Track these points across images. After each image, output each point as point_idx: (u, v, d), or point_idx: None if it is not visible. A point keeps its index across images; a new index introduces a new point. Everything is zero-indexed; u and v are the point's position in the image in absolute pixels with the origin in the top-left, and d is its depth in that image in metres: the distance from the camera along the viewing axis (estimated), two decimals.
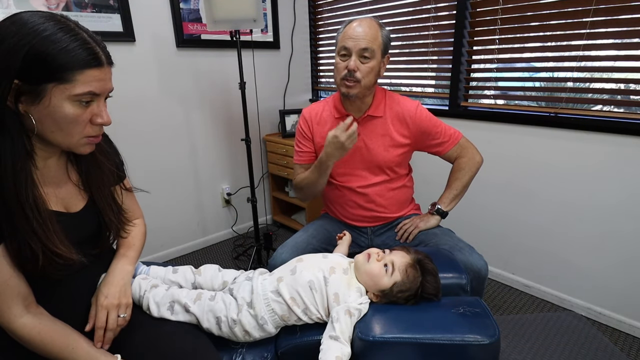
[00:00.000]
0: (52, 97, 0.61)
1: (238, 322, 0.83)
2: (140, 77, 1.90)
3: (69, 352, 0.69)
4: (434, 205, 1.32)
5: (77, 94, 0.62)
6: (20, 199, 0.63)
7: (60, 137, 0.66)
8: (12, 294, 0.66)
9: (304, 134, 1.34)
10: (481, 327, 0.81)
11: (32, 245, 0.65)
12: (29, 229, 0.64)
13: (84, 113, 0.65)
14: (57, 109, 0.62)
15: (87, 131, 0.68)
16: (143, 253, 0.93)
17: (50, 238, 0.67)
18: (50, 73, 0.60)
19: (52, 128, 0.64)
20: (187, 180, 2.22)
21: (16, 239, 0.64)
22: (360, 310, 0.86)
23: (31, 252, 0.65)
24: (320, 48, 2.61)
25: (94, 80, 0.64)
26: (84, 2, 1.66)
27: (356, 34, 1.14)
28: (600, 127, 1.50)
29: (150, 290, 0.85)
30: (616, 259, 1.55)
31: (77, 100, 0.63)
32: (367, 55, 1.15)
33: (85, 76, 0.62)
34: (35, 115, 0.62)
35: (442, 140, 1.30)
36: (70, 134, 0.66)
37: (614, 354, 1.44)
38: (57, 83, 0.61)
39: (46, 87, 0.60)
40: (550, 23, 1.55)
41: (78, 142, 0.68)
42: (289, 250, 1.21)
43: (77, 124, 0.65)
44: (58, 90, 0.61)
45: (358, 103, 1.26)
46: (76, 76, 0.61)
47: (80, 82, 0.62)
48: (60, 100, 0.62)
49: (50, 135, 0.65)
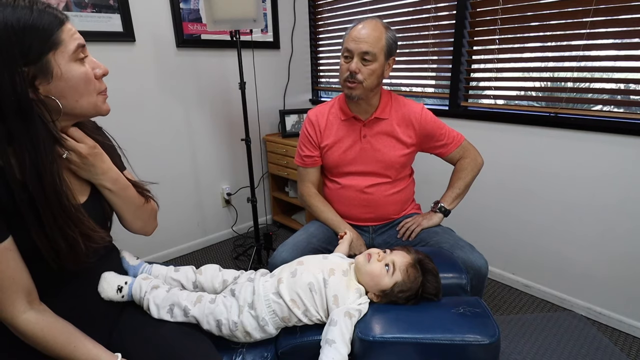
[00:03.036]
0: (59, 64, 0.63)
1: (239, 324, 0.84)
2: (140, 77, 1.90)
3: (70, 350, 0.69)
4: (437, 204, 1.33)
5: (73, 51, 0.64)
6: (56, 189, 0.65)
7: (85, 100, 0.68)
8: (17, 289, 0.66)
9: (311, 139, 1.34)
10: (481, 327, 0.82)
11: (73, 233, 0.66)
12: (67, 219, 0.66)
13: (88, 69, 0.68)
14: (70, 74, 0.64)
15: (99, 86, 0.71)
16: (143, 253, 0.94)
17: (88, 223, 0.69)
18: (43, 41, 0.61)
19: (75, 96, 0.66)
20: (187, 180, 2.22)
21: (55, 230, 0.65)
22: (360, 310, 0.86)
23: (71, 241, 0.66)
24: (320, 48, 2.61)
25: (73, 34, 0.66)
26: (84, 2, 1.66)
27: (359, 36, 1.15)
28: (600, 127, 1.50)
29: (151, 292, 0.85)
30: (616, 259, 1.56)
31: (76, 57, 0.65)
32: (368, 58, 1.15)
33: (65, 33, 0.64)
34: (55, 93, 0.64)
35: (445, 142, 1.31)
36: (90, 93, 0.68)
37: (614, 354, 1.44)
38: (54, 49, 0.62)
39: (49, 59, 0.62)
40: (550, 23, 1.55)
41: (98, 100, 0.71)
42: (289, 249, 1.21)
43: (90, 79, 0.68)
44: (59, 56, 0.63)
45: (364, 105, 1.26)
46: (60, 35, 0.63)
47: (67, 39, 0.64)
48: (67, 64, 0.64)
49: (76, 105, 0.67)
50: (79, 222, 0.69)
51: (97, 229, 0.72)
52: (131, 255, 0.95)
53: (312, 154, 1.35)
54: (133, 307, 0.86)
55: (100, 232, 0.73)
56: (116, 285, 0.83)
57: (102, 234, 0.73)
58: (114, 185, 0.80)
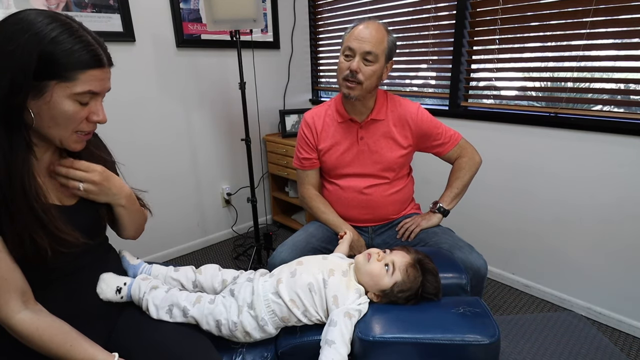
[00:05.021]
0: (54, 93, 0.63)
1: (239, 324, 0.84)
2: (140, 77, 1.90)
3: (66, 349, 0.69)
4: (436, 204, 1.33)
5: (77, 93, 0.65)
6: (24, 189, 0.64)
7: (56, 131, 0.68)
8: (10, 288, 0.66)
9: (308, 142, 1.34)
10: (481, 327, 0.82)
11: (38, 235, 0.66)
12: (34, 219, 0.66)
13: (82, 111, 0.67)
14: (57, 105, 0.64)
15: (81, 127, 0.70)
16: (143, 253, 0.94)
17: (56, 225, 0.68)
18: (54, 71, 0.62)
19: (50, 123, 0.66)
20: (187, 180, 2.22)
21: (20, 230, 0.64)
22: (360, 310, 0.86)
23: (36, 243, 0.66)
24: (320, 48, 2.61)
25: (94, 80, 0.66)
26: (84, 2, 1.66)
27: (362, 35, 1.14)
28: (600, 127, 1.50)
29: (150, 292, 0.85)
30: (616, 259, 1.55)
31: (77, 98, 0.65)
32: (370, 58, 1.15)
33: (87, 76, 0.65)
34: (34, 110, 0.64)
35: (442, 142, 1.31)
36: (65, 128, 0.68)
37: (613, 354, 1.44)
38: (60, 81, 0.63)
39: (48, 84, 0.62)
40: (550, 23, 1.55)
41: (70, 138, 0.70)
42: (289, 249, 1.21)
43: (74, 120, 0.67)
44: (59, 88, 0.63)
45: (359, 106, 1.26)
46: (78, 75, 0.64)
47: (82, 81, 0.64)
48: (61, 98, 0.64)
49: (47, 129, 0.67)
50: (47, 222, 0.67)
51: (68, 231, 0.70)
52: (131, 255, 0.96)
53: (310, 156, 1.35)
54: (132, 307, 0.86)
55: (73, 234, 0.70)
56: (115, 286, 0.83)
57: (75, 235, 0.71)
58: (128, 201, 0.82)
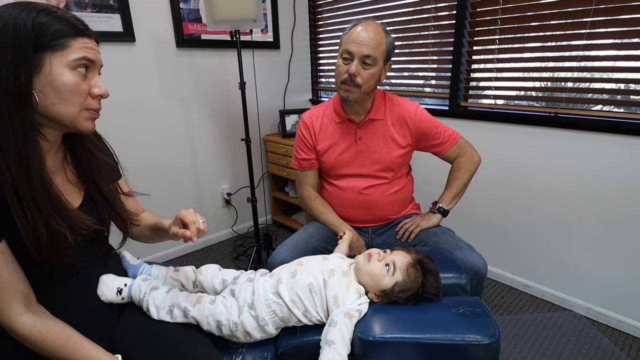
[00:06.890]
0: (52, 65, 0.63)
1: (240, 324, 0.84)
2: (140, 77, 1.90)
3: (69, 352, 0.69)
4: (435, 204, 1.33)
5: (73, 59, 0.65)
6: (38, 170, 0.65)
7: (63, 108, 0.66)
8: (13, 292, 0.66)
9: (306, 142, 1.33)
10: (481, 327, 0.82)
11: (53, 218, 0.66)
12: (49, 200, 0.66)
13: (83, 83, 0.67)
14: (57, 77, 0.64)
15: (87, 102, 0.69)
16: (143, 253, 0.94)
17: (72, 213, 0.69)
18: (47, 40, 0.62)
19: (54, 99, 0.65)
20: (187, 180, 2.22)
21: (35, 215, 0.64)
22: (360, 310, 0.86)
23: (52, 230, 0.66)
24: (320, 48, 2.61)
25: (86, 47, 0.67)
26: (84, 2, 1.66)
27: (360, 38, 1.13)
28: (600, 127, 1.50)
29: (150, 293, 0.85)
30: (616, 259, 1.56)
31: (75, 67, 0.66)
32: (369, 62, 1.14)
33: (78, 42, 0.66)
34: (37, 87, 0.64)
35: (441, 141, 1.30)
36: (72, 104, 0.67)
37: (613, 354, 1.44)
38: (54, 50, 0.63)
39: (44, 56, 0.63)
40: (550, 23, 1.55)
41: (80, 115, 0.69)
42: (289, 249, 1.22)
43: (77, 93, 0.67)
44: (55, 58, 0.64)
45: (357, 107, 1.26)
46: (70, 42, 0.65)
47: (75, 48, 0.65)
48: (60, 68, 0.64)
49: (53, 108, 0.66)
50: (62, 204, 0.68)
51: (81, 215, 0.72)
52: (131, 255, 0.96)
53: (309, 156, 1.34)
54: (133, 308, 0.86)
55: (86, 216, 0.72)
56: (116, 287, 0.83)
57: (89, 218, 0.73)
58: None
